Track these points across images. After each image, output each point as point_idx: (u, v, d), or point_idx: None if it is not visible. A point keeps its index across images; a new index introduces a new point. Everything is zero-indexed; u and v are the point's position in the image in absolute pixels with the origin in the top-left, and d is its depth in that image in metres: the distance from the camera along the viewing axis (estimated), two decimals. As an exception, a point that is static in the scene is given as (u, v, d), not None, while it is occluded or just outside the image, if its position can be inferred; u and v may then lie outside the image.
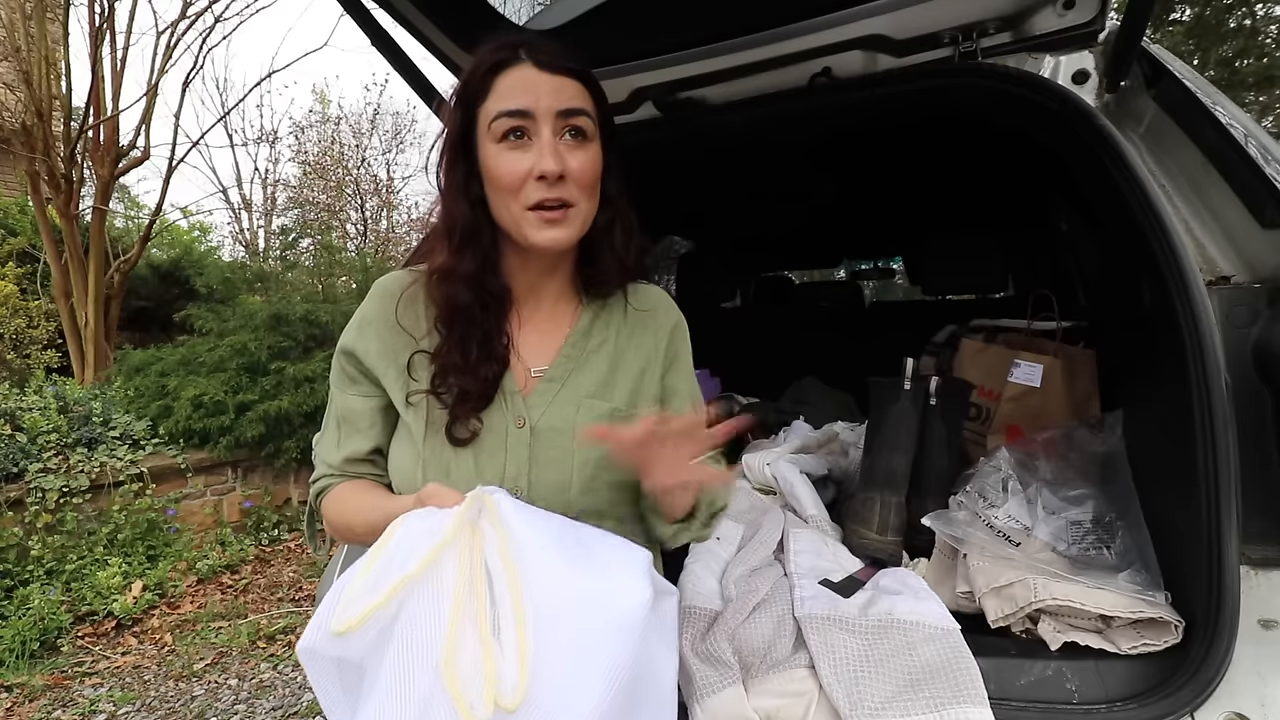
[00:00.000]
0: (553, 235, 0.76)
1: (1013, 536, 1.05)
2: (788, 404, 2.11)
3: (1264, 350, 0.86)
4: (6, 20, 4.85)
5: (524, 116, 0.74)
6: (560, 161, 0.74)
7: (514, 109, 0.74)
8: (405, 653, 0.55)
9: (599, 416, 0.82)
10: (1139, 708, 0.80)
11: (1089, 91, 1.11)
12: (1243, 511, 0.79)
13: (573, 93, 0.77)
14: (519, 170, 0.74)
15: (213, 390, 3.91)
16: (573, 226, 0.78)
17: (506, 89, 0.75)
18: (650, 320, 0.90)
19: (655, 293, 0.94)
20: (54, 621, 2.80)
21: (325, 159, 9.10)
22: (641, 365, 0.87)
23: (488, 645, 0.56)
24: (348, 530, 0.84)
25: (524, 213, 0.76)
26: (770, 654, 0.90)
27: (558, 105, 0.75)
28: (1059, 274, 1.96)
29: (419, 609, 0.57)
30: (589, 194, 0.79)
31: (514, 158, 0.75)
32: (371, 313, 0.84)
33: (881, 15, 1.16)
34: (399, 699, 0.54)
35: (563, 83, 0.76)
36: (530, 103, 0.74)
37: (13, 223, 5.93)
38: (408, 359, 0.81)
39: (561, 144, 0.75)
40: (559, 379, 0.84)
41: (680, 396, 0.91)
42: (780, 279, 3.61)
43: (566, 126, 0.76)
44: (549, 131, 0.74)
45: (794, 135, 1.59)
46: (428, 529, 0.61)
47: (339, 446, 0.85)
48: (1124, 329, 1.24)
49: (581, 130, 0.77)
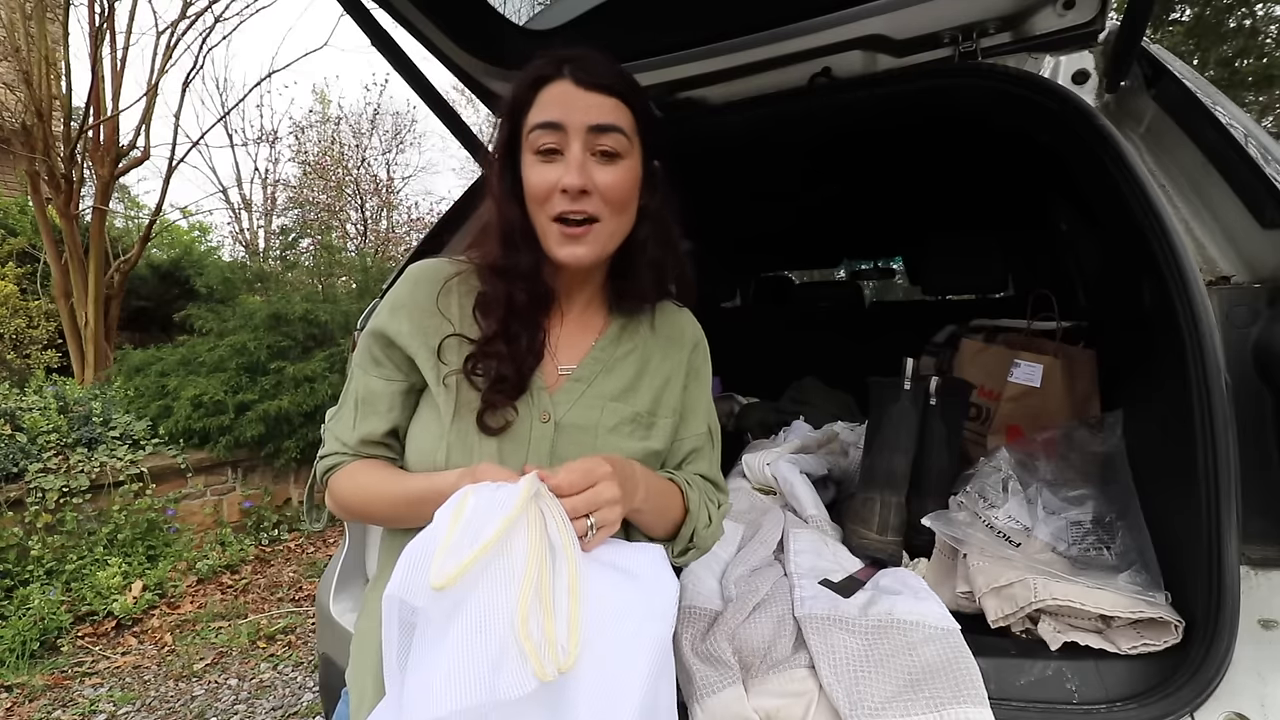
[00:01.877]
0: (572, 251, 0.79)
1: (1013, 537, 1.05)
2: (788, 404, 2.11)
3: (1264, 350, 0.86)
4: (6, 20, 4.85)
5: (556, 130, 0.77)
6: (585, 177, 0.76)
7: (547, 122, 0.78)
8: (482, 611, 0.60)
9: (622, 419, 0.86)
10: (1139, 708, 0.80)
11: (1089, 91, 1.11)
12: (1243, 511, 0.79)
13: (607, 109, 0.79)
14: (547, 181, 0.77)
15: (213, 390, 3.91)
16: (594, 244, 0.80)
17: (545, 103, 0.79)
18: (676, 336, 0.94)
19: (682, 312, 0.98)
20: (54, 621, 2.80)
21: (325, 159, 9.11)
22: (666, 375, 0.91)
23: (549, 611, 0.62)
24: (363, 505, 0.85)
25: (549, 224, 0.79)
26: (770, 654, 0.90)
27: (589, 121, 0.77)
28: (1059, 274, 1.95)
29: (495, 574, 0.62)
30: (617, 210, 0.81)
31: (545, 170, 0.78)
32: (404, 296, 0.86)
33: (881, 15, 1.16)
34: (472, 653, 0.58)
35: (598, 100, 0.78)
36: (563, 117, 0.77)
37: (13, 223, 5.93)
38: (439, 342, 0.83)
39: (592, 160, 0.78)
40: (586, 379, 0.87)
41: (697, 415, 0.94)
42: (780, 279, 3.61)
43: (598, 143, 0.78)
44: (579, 147, 0.77)
45: (794, 135, 1.59)
46: (498, 501, 0.65)
47: (355, 427, 0.86)
48: (1124, 329, 1.24)
49: (613, 149, 0.79)
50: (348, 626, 1.24)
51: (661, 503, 0.85)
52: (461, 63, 1.38)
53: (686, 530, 0.88)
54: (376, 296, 1.47)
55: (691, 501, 0.89)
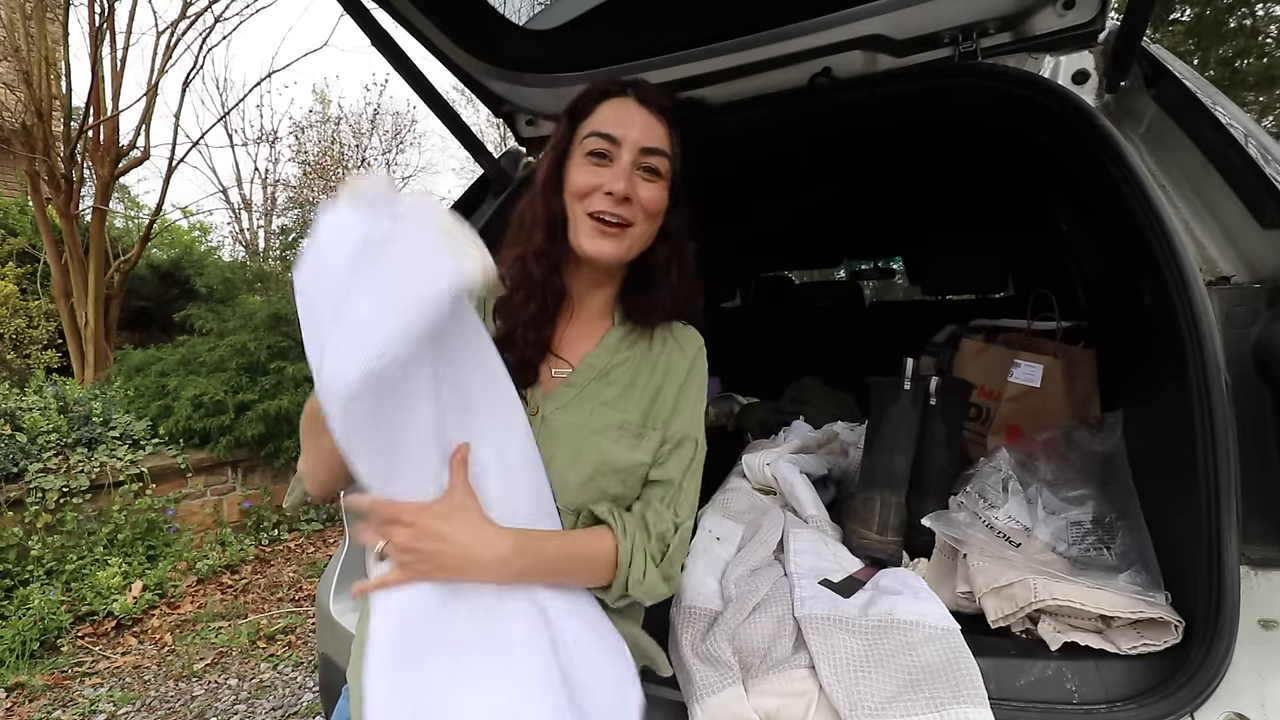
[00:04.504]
0: (602, 246, 0.85)
1: (1013, 537, 1.05)
2: (788, 404, 2.11)
3: (1264, 350, 0.86)
4: (6, 20, 4.85)
5: (611, 141, 0.85)
6: (630, 188, 0.83)
7: (605, 132, 0.85)
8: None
9: (609, 424, 0.87)
10: (1139, 708, 0.80)
11: (1089, 91, 1.11)
12: (1243, 512, 0.79)
13: (660, 134, 0.87)
14: (593, 182, 0.84)
15: (213, 390, 3.91)
16: (623, 244, 0.86)
17: (606, 114, 0.87)
18: (676, 350, 0.96)
19: (685, 328, 0.99)
20: (54, 621, 2.80)
21: (325, 159, 9.11)
22: (658, 385, 0.92)
23: None
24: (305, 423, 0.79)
25: (584, 217, 0.85)
26: (770, 654, 0.90)
27: (643, 142, 0.85)
28: (1059, 274, 1.95)
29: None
30: (649, 221, 0.87)
31: (593, 171, 0.85)
32: None
33: (881, 15, 1.16)
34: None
35: (654, 122, 0.87)
36: (620, 131, 0.85)
37: (13, 223, 5.93)
38: None
39: (637, 175, 0.85)
40: (578, 385, 0.89)
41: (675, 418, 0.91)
42: (780, 279, 3.61)
43: (645, 162, 0.86)
44: (629, 160, 0.84)
45: (794, 135, 1.59)
46: None
47: None
48: (1124, 329, 1.24)
49: (657, 169, 0.87)
50: (348, 626, 1.24)
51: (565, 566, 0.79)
52: (461, 63, 1.38)
53: (616, 587, 0.81)
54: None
55: (621, 554, 0.81)
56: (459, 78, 1.42)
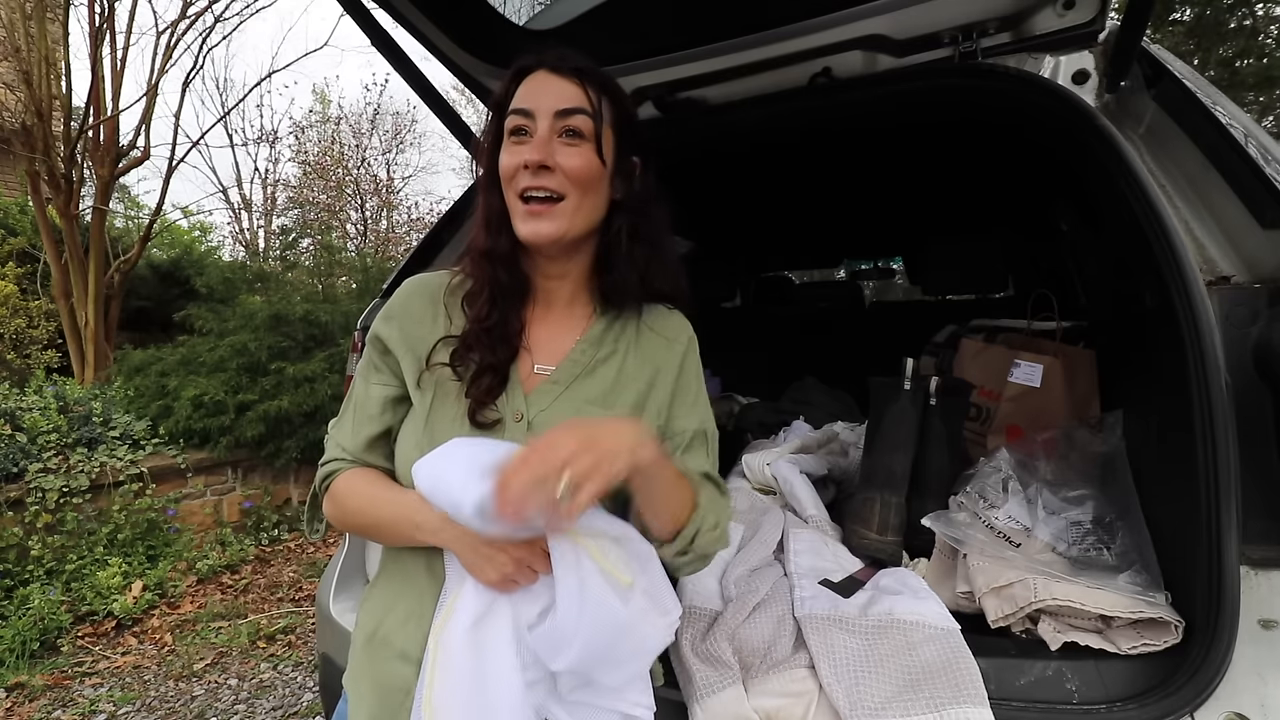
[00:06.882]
0: (536, 227, 0.80)
1: (1013, 537, 1.05)
2: (788, 404, 2.11)
3: (1264, 350, 0.86)
4: (6, 20, 4.85)
5: (526, 115, 0.80)
6: (545, 153, 0.79)
7: (519, 107, 0.81)
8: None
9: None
10: (1139, 708, 0.80)
11: (1089, 91, 1.11)
12: (1243, 511, 0.79)
13: (573, 94, 0.81)
14: (515, 162, 0.80)
15: (213, 390, 3.90)
16: (557, 222, 0.80)
17: (521, 92, 0.82)
18: (664, 338, 0.91)
19: (672, 314, 0.94)
20: (54, 621, 2.80)
21: (325, 159, 9.11)
22: (649, 378, 0.87)
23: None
24: (353, 515, 0.85)
25: (515, 201, 0.81)
26: (770, 654, 0.90)
27: (556, 105, 0.80)
28: (1059, 274, 1.95)
29: None
30: (582, 190, 0.81)
31: (515, 151, 0.81)
32: (397, 307, 0.89)
33: (881, 15, 1.16)
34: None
35: (565, 85, 0.81)
36: (532, 103, 0.80)
37: (13, 223, 5.93)
38: (428, 351, 0.84)
39: (558, 141, 0.80)
40: (563, 382, 0.85)
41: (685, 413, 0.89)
42: (780, 279, 3.61)
43: (563, 125, 0.80)
44: (545, 127, 0.80)
45: (794, 135, 1.59)
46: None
47: (354, 433, 0.87)
48: (1124, 329, 1.24)
49: (578, 129, 0.80)
50: (348, 626, 1.24)
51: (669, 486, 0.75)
52: (461, 63, 1.38)
53: (690, 529, 0.78)
54: (377, 296, 1.47)
55: (702, 498, 0.81)
56: (459, 78, 1.42)
